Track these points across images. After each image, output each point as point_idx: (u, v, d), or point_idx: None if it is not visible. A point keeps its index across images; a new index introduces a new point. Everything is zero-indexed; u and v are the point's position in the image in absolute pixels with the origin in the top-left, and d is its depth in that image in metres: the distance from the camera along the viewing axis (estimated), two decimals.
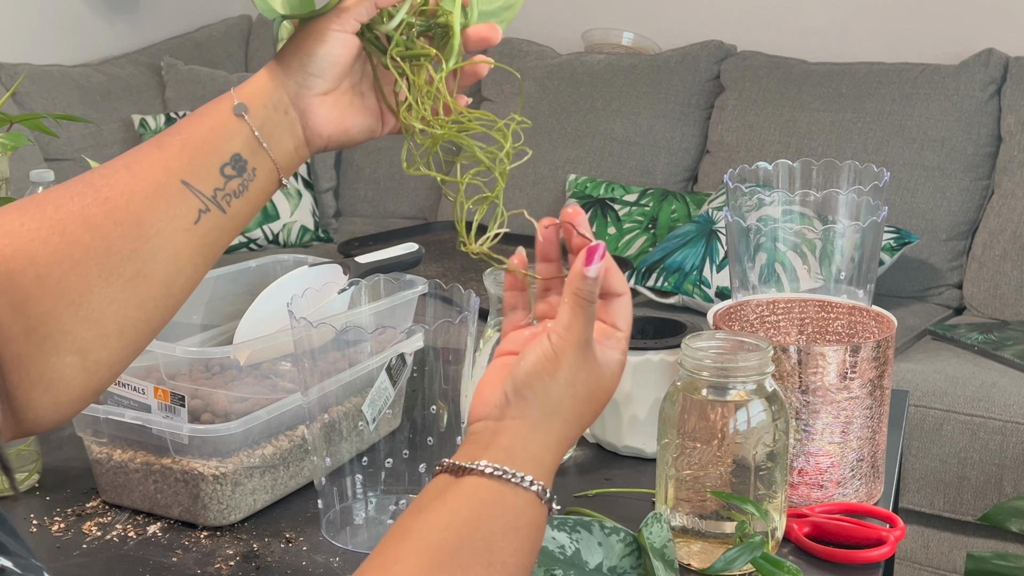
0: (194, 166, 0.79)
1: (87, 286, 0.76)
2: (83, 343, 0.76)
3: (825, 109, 2.89)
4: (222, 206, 0.79)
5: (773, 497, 1.01)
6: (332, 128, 0.84)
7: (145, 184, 0.77)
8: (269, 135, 0.81)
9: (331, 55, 0.81)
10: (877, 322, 1.16)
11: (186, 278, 0.80)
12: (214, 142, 0.79)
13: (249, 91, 0.82)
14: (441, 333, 1.02)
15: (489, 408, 0.76)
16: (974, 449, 2.25)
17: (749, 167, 1.24)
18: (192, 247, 0.79)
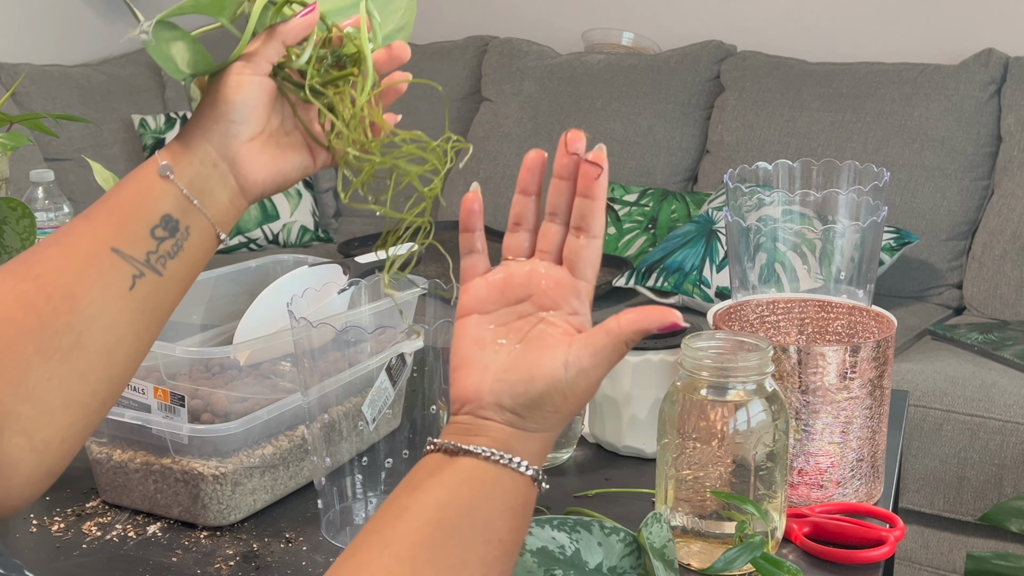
0: (123, 232, 0.78)
1: (24, 363, 0.74)
2: (27, 422, 0.75)
3: (825, 109, 2.90)
4: (157, 269, 0.78)
5: (773, 497, 1.01)
6: (265, 172, 0.83)
7: (75, 256, 0.77)
8: (201, 191, 0.80)
9: (250, 100, 0.81)
10: (877, 322, 1.16)
11: (128, 347, 0.79)
12: (141, 205, 0.78)
13: (174, 150, 0.81)
14: (441, 333, 1.02)
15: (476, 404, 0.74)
16: (974, 449, 2.25)
17: (749, 167, 1.24)
18: (130, 314, 0.78)
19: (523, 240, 0.79)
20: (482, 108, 3.35)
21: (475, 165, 3.27)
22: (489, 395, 0.73)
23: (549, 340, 0.74)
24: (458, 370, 0.75)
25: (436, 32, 3.55)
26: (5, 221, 1.16)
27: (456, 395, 0.75)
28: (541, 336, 0.74)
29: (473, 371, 0.74)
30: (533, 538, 0.95)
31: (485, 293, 0.77)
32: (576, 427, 1.25)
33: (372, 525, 0.70)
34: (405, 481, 0.73)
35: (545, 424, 0.73)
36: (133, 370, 0.80)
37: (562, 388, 0.72)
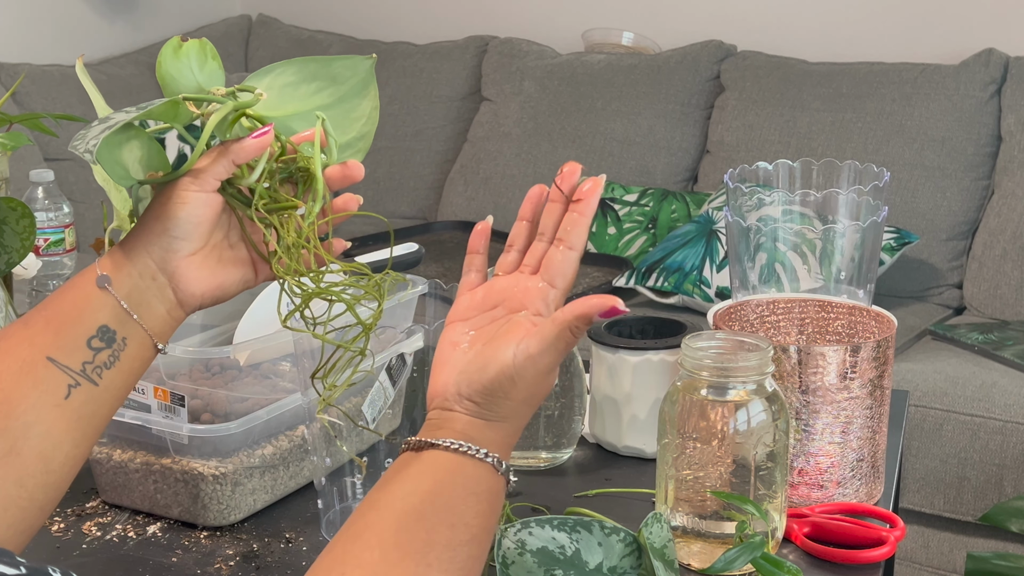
0: (59, 341, 0.78)
1: None
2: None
3: (825, 109, 2.89)
4: (93, 379, 0.79)
5: (773, 497, 1.01)
6: (204, 287, 0.83)
7: (11, 362, 0.77)
8: (138, 303, 0.81)
9: (193, 217, 0.81)
10: (877, 322, 1.16)
11: (65, 454, 0.79)
12: (79, 316, 0.79)
13: (114, 260, 0.81)
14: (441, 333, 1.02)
15: (442, 398, 0.79)
16: (974, 449, 2.25)
17: (749, 167, 1.24)
18: (66, 422, 0.78)
19: (514, 259, 0.86)
20: (482, 108, 3.35)
21: (475, 165, 3.27)
22: (452, 387, 0.79)
23: (506, 334, 0.80)
24: (434, 371, 0.81)
25: (436, 32, 3.55)
26: (5, 221, 1.16)
27: (429, 394, 0.80)
28: (502, 332, 0.80)
29: (444, 370, 0.80)
30: (533, 538, 0.95)
31: (468, 303, 0.84)
32: (576, 427, 1.25)
33: (347, 522, 0.74)
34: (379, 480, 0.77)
35: (502, 411, 0.78)
36: (71, 475, 0.81)
37: (510, 373, 0.78)
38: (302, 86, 0.87)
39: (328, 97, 0.87)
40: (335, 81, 0.87)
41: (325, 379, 0.86)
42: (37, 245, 1.57)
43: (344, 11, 3.74)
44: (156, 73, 0.84)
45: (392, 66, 3.44)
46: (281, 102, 0.86)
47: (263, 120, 0.85)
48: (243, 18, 3.81)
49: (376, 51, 3.51)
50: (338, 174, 0.87)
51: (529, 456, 1.23)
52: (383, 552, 0.71)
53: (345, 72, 0.87)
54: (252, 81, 0.86)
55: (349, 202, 0.89)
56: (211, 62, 0.86)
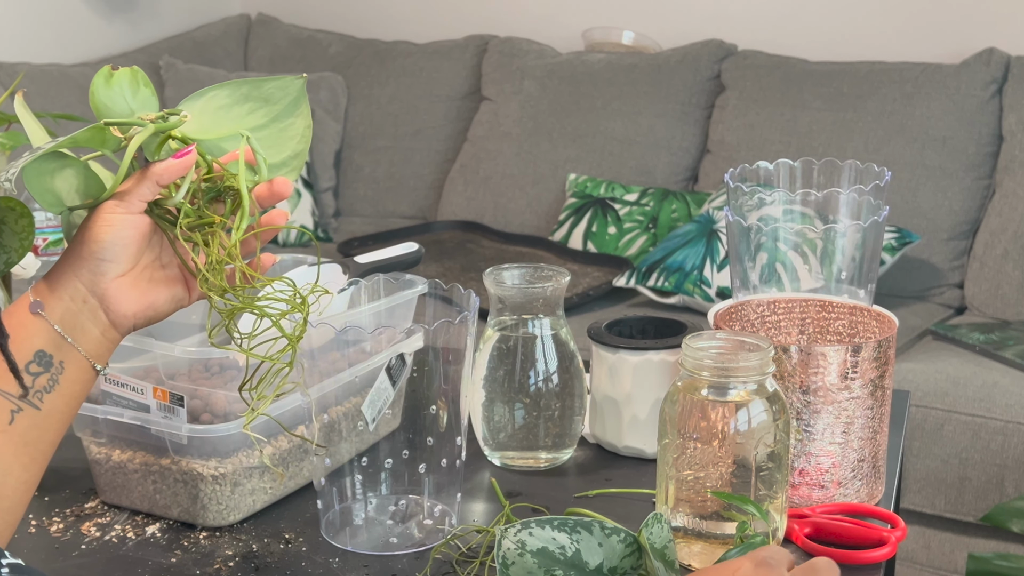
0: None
1: None
2: None
3: (826, 108, 2.89)
4: (34, 404, 0.79)
5: (774, 497, 1.00)
6: (135, 307, 0.84)
7: None
8: (72, 327, 0.81)
9: (120, 240, 0.82)
10: (878, 322, 1.16)
11: (15, 478, 0.79)
12: (15, 342, 0.79)
13: (45, 286, 0.82)
14: (441, 333, 1.02)
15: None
16: (975, 449, 2.24)
17: (750, 166, 1.24)
18: (12, 447, 0.79)
19: None
20: (482, 107, 3.35)
21: (475, 165, 3.27)
22: None
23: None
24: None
25: (436, 31, 3.55)
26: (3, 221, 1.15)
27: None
28: None
29: None
30: (533, 539, 0.95)
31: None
32: (576, 427, 1.24)
33: None
34: None
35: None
36: (25, 500, 0.81)
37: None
38: (235, 108, 0.88)
39: (261, 118, 0.88)
40: (268, 102, 0.88)
41: (253, 391, 0.86)
42: (36, 245, 1.56)
43: (344, 10, 3.74)
44: (89, 102, 0.85)
45: (392, 65, 3.44)
46: (215, 124, 0.87)
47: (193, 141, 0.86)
48: (242, 17, 3.81)
49: (376, 50, 3.51)
50: (266, 191, 0.88)
51: (529, 456, 1.23)
52: None
53: (277, 93, 0.89)
54: (185, 104, 0.88)
55: (276, 218, 0.89)
56: (143, 89, 0.87)
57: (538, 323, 1.21)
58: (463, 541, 1.07)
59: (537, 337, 1.21)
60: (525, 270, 1.23)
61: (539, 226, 3.13)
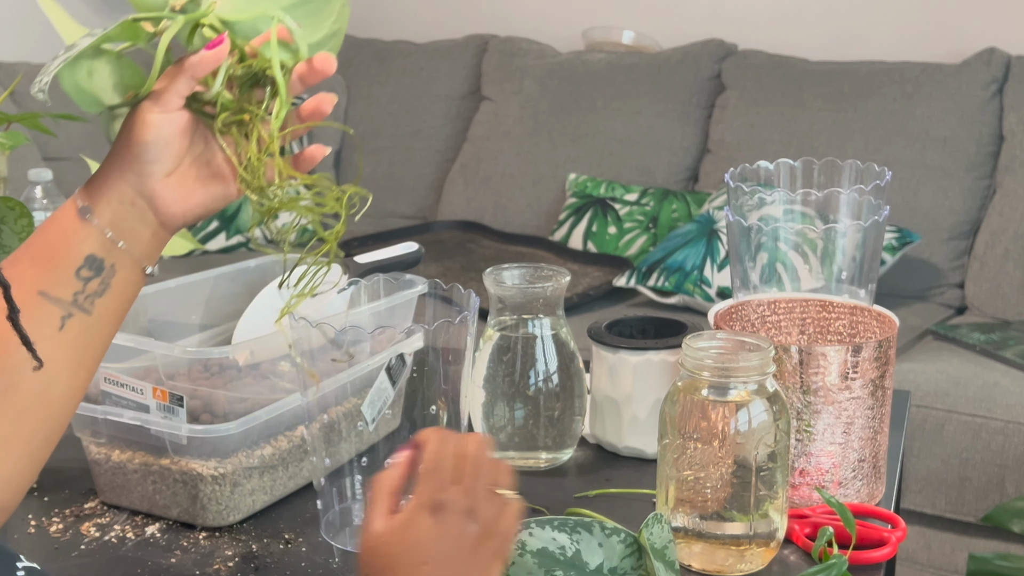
0: (48, 275, 0.78)
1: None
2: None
3: (826, 108, 2.89)
4: (85, 308, 0.79)
5: (774, 498, 1.00)
6: (184, 205, 0.83)
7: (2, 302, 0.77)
8: (122, 230, 0.81)
9: (161, 139, 0.81)
10: (879, 322, 1.16)
11: (64, 384, 0.79)
12: (65, 248, 0.79)
13: (92, 190, 0.81)
14: (441, 333, 1.02)
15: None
16: (976, 449, 2.24)
17: (750, 166, 1.24)
18: (62, 353, 0.79)
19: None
20: (482, 107, 3.35)
21: (475, 165, 3.27)
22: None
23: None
24: None
25: (436, 31, 3.55)
26: (3, 220, 1.15)
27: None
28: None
29: None
30: (533, 539, 0.95)
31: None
32: (576, 428, 1.24)
33: None
34: None
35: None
36: (72, 406, 0.81)
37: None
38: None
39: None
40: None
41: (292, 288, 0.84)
42: None
43: None
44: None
45: (392, 65, 3.43)
46: (248, 5, 0.83)
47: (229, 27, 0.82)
48: None
49: (376, 50, 3.51)
50: (307, 70, 0.84)
51: (529, 457, 1.23)
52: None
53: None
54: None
55: (322, 102, 0.84)
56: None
57: (538, 323, 1.21)
58: None
59: (537, 337, 1.21)
60: (525, 270, 1.23)
61: (539, 226, 3.12)
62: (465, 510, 0.79)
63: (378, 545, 0.78)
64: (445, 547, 0.77)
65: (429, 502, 0.79)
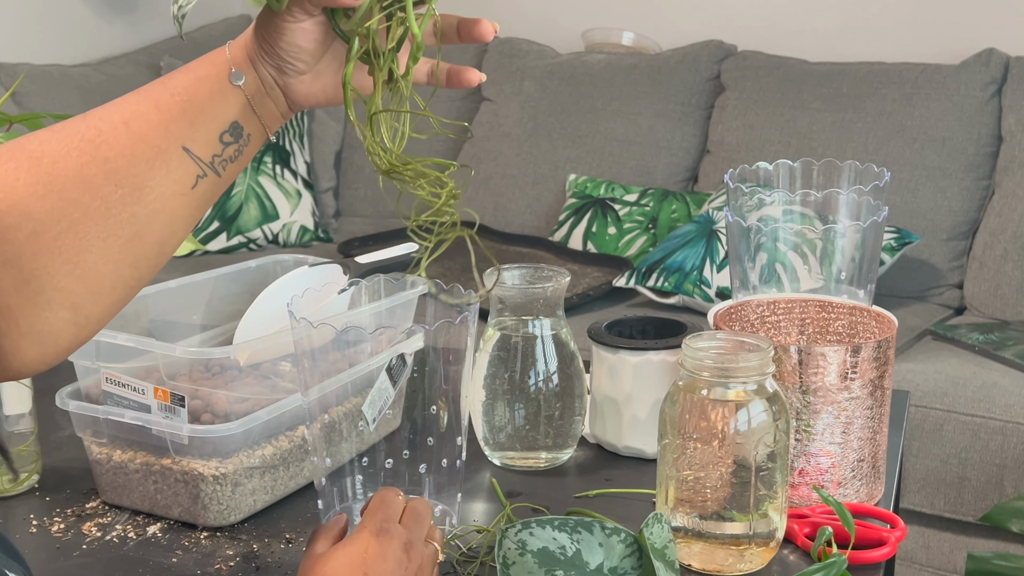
0: (195, 133, 0.79)
1: (85, 245, 0.75)
2: (77, 299, 0.76)
3: (825, 109, 2.89)
4: (218, 171, 0.80)
5: (774, 498, 1.01)
6: (316, 99, 0.85)
7: (146, 147, 0.77)
8: (259, 103, 0.82)
9: (293, 47, 0.81)
10: (878, 322, 1.16)
11: (178, 238, 0.81)
12: (214, 109, 0.80)
13: (241, 59, 0.82)
14: (441, 333, 1.02)
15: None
16: (975, 449, 2.24)
17: (749, 167, 1.24)
18: (187, 209, 0.80)
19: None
20: (482, 108, 3.35)
21: (475, 165, 3.27)
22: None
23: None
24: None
25: None
26: None
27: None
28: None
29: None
30: (534, 539, 0.95)
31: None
32: (576, 428, 1.25)
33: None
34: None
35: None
36: (172, 255, 0.83)
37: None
38: None
39: None
40: None
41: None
42: None
43: None
44: None
45: None
46: None
47: None
48: (243, 18, 3.81)
49: None
50: (464, 28, 0.86)
51: (529, 456, 1.23)
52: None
53: None
54: None
55: (483, 29, 0.86)
56: None
57: (538, 323, 1.21)
58: (463, 541, 1.07)
59: (537, 337, 1.21)
60: (525, 270, 1.23)
61: (539, 226, 3.13)
62: (404, 543, 0.88)
63: (319, 562, 0.87)
64: (383, 567, 0.86)
65: (374, 526, 0.88)
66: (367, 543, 0.87)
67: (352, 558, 0.86)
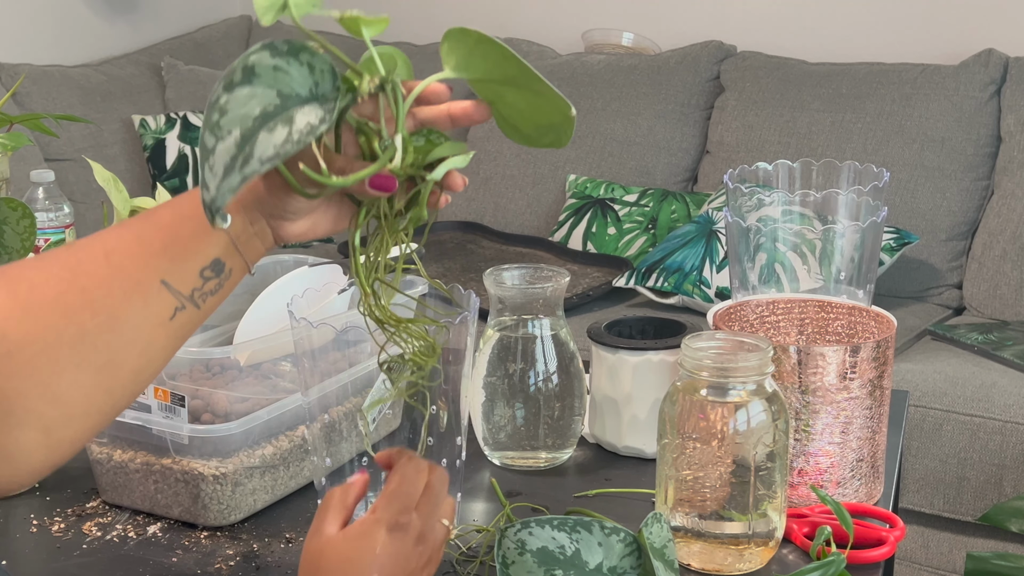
0: (175, 268, 0.79)
1: (58, 369, 0.76)
2: (48, 421, 0.76)
3: (825, 109, 2.89)
4: (197, 303, 0.81)
5: (773, 497, 1.01)
6: (305, 237, 0.86)
7: (124, 278, 0.78)
8: (244, 242, 0.82)
9: (302, 208, 0.82)
10: (877, 322, 1.16)
11: (155, 368, 0.81)
12: (197, 246, 0.80)
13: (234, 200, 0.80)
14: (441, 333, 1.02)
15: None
16: (974, 449, 2.25)
17: (749, 167, 1.24)
18: (164, 340, 0.80)
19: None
20: None
21: (475, 166, 3.27)
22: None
23: None
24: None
25: (436, 32, 3.54)
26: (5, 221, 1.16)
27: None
28: None
29: None
30: (533, 538, 0.95)
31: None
32: (576, 427, 1.25)
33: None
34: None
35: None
36: (150, 384, 0.84)
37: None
38: (494, 72, 0.85)
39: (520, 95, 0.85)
40: (535, 95, 0.84)
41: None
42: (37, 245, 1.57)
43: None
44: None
45: None
46: (469, 66, 0.85)
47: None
48: (243, 18, 3.81)
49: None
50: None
51: (529, 456, 1.23)
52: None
53: (547, 106, 0.84)
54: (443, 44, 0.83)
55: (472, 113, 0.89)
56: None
57: (538, 323, 1.21)
58: (463, 541, 1.07)
59: (537, 337, 1.21)
60: (525, 270, 1.23)
61: (539, 227, 3.13)
62: (417, 535, 0.86)
63: (328, 548, 0.85)
64: (393, 565, 0.84)
65: (390, 520, 0.85)
66: (380, 539, 0.84)
67: (363, 553, 0.84)
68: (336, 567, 0.84)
